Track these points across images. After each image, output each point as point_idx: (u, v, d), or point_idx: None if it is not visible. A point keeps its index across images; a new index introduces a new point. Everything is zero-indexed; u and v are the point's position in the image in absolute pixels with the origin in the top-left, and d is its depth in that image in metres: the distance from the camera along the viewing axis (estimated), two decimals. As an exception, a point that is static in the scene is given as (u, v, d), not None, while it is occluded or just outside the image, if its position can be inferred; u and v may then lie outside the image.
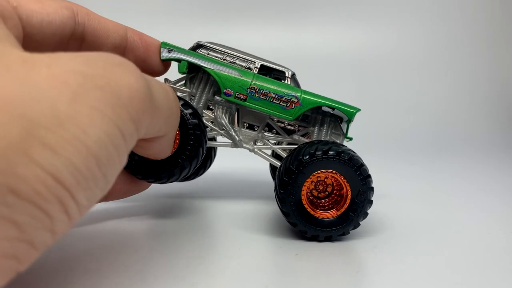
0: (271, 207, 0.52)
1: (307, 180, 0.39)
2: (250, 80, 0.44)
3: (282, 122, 0.49)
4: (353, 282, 0.34)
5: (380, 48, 1.22)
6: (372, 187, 0.40)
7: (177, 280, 0.32)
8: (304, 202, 0.40)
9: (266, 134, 0.48)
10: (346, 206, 0.40)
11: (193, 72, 0.46)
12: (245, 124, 0.48)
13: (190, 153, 0.41)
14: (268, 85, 0.44)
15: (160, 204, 0.52)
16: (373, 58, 1.20)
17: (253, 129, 0.48)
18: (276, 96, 0.44)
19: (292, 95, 0.44)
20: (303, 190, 0.39)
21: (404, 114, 1.14)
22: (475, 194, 0.64)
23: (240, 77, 0.43)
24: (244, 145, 0.47)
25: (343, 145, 0.40)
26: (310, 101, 0.44)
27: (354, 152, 0.40)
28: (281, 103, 0.44)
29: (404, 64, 1.21)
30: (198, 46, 0.46)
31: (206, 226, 0.45)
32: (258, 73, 0.45)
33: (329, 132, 0.47)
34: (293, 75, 0.46)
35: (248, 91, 0.44)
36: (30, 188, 0.17)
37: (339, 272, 0.35)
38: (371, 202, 0.40)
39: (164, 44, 0.43)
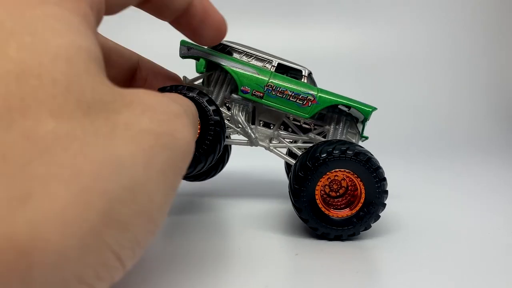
0: (272, 207, 0.51)
1: (322, 178, 0.39)
2: (267, 78, 0.44)
3: (298, 121, 0.49)
4: (353, 282, 0.33)
5: (381, 48, 1.21)
6: (387, 191, 0.40)
7: (177, 280, 0.32)
8: (317, 199, 0.40)
9: (281, 132, 0.48)
10: (359, 207, 0.40)
11: (210, 71, 0.46)
12: (261, 122, 0.48)
13: (207, 148, 0.41)
14: (285, 83, 0.44)
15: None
16: (374, 58, 1.19)
17: (269, 127, 0.48)
18: (293, 94, 0.44)
19: (309, 93, 0.44)
20: (318, 187, 0.40)
21: (405, 114, 1.12)
22: (477, 193, 0.62)
23: (257, 75, 0.44)
24: (260, 143, 0.47)
25: (361, 146, 0.41)
26: (326, 99, 0.44)
27: (372, 154, 0.40)
28: (297, 101, 0.44)
29: (406, 64, 1.20)
30: None
31: (206, 226, 0.45)
32: (275, 71, 0.45)
33: (344, 131, 0.47)
34: (310, 73, 0.46)
35: (265, 88, 0.44)
36: (94, 274, 0.17)
37: (339, 272, 0.35)
38: (384, 205, 0.40)
39: (183, 42, 0.44)
